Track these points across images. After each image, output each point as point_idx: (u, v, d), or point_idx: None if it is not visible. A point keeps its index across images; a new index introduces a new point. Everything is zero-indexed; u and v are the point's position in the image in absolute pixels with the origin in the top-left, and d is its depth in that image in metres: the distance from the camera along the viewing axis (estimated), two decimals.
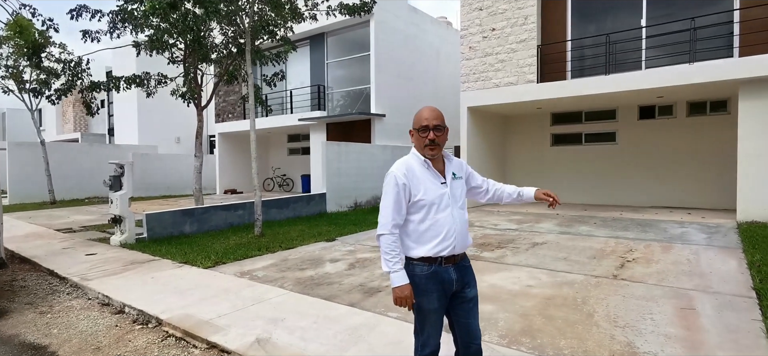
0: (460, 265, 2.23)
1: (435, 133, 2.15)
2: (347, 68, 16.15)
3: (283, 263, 6.00)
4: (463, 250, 2.23)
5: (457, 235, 2.16)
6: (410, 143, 2.34)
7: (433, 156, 2.18)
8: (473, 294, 2.27)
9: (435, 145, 2.15)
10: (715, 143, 10.32)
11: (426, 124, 2.16)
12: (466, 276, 2.26)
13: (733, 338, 3.30)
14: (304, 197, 11.24)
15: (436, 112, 2.20)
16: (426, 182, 2.18)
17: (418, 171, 2.20)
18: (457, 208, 2.20)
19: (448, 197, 2.19)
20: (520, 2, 10.69)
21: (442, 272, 2.18)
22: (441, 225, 2.15)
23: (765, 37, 8.01)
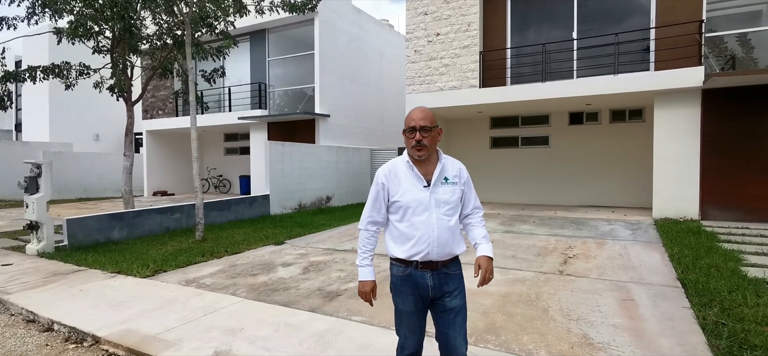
0: (440, 272, 2.16)
1: (422, 134, 2.11)
2: (290, 67, 15.75)
3: (232, 269, 5.70)
4: (443, 257, 2.15)
5: (432, 241, 2.11)
6: (355, 144, 2.31)
7: (419, 157, 2.14)
8: (455, 304, 2.18)
9: (421, 146, 2.11)
10: (633, 148, 11.37)
11: (413, 125, 2.13)
12: (446, 284, 2.17)
13: (671, 325, 3.63)
14: (246, 199, 10.77)
15: (425, 112, 2.16)
16: (406, 183, 2.16)
17: (400, 172, 2.19)
18: (439, 213, 2.13)
19: (429, 201, 2.13)
20: (464, 9, 11.06)
21: (416, 276, 2.16)
22: (414, 229, 2.12)
23: (676, 54, 8.96)
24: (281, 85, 15.81)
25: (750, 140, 8.55)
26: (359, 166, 14.55)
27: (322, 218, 10.28)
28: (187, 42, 7.76)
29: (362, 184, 14.61)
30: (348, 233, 8.20)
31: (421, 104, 11.65)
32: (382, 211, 2.24)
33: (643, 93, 9.27)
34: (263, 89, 15.19)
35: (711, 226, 8.13)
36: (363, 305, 4.22)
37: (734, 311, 3.84)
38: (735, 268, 5.21)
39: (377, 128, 16.73)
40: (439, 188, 2.16)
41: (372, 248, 2.29)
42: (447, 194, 2.17)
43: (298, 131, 14.32)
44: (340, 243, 7.28)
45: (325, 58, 13.90)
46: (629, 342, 3.30)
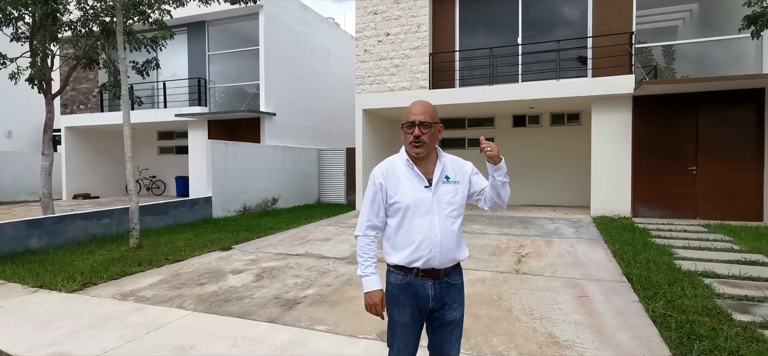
0: (442, 281, 2.00)
1: (421, 129, 1.95)
2: (232, 62, 15.01)
3: (176, 279, 5.24)
4: (446, 264, 1.99)
5: (434, 246, 1.94)
6: (302, 144, 2.15)
7: (418, 154, 1.99)
8: (454, 316, 2.03)
9: (420, 142, 1.96)
10: (572, 150, 12.03)
11: (412, 119, 1.97)
12: (447, 295, 2.02)
13: (625, 319, 3.80)
14: (186, 202, 10.06)
15: (425, 106, 2.01)
16: (405, 183, 2.00)
17: (399, 171, 2.03)
18: (442, 216, 1.97)
19: (431, 202, 1.97)
20: (414, 10, 11.11)
21: (416, 285, 1.99)
22: (415, 233, 1.96)
23: (610, 62, 9.58)
24: (223, 81, 15.01)
25: (673, 143, 9.33)
26: (306, 166, 14.17)
27: (269, 221, 9.85)
28: (119, 30, 7.07)
29: (310, 185, 14.24)
30: (299, 237, 7.90)
31: (371, 104, 11.69)
32: (380, 214, 2.05)
33: (582, 98, 9.82)
34: (204, 84, 14.33)
35: (642, 223, 8.77)
36: (326, 313, 4.03)
37: (677, 303, 4.10)
38: (669, 262, 5.61)
39: (325, 128, 16.41)
40: (441, 188, 2.00)
41: (374, 255, 2.06)
42: (449, 194, 2.01)
43: (241, 129, 13.66)
44: (292, 247, 6.97)
45: (271, 55, 13.38)
46: (592, 339, 3.40)
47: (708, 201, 9.05)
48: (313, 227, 9.02)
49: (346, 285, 4.89)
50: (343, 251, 6.59)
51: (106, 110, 15.56)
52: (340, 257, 6.26)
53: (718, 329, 3.50)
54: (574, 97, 9.74)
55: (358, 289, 4.74)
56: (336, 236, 7.94)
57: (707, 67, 11.18)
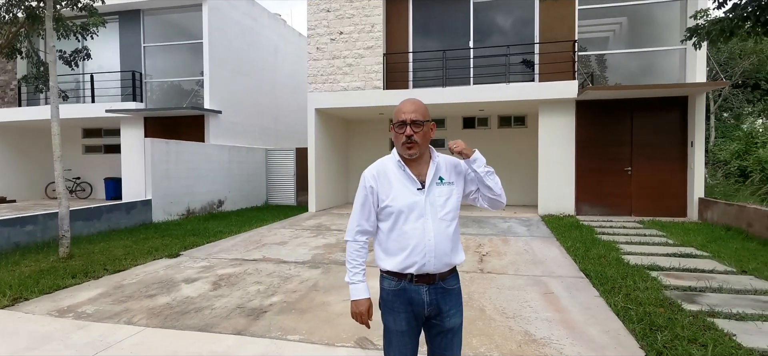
0: (437, 287, 1.91)
1: (413, 129, 1.86)
2: (172, 56, 14.05)
3: (120, 292, 4.74)
4: (441, 269, 1.90)
5: (428, 251, 1.86)
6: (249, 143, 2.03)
7: (411, 155, 1.89)
8: (453, 324, 1.94)
9: (413, 142, 1.87)
10: (518, 151, 12.54)
11: (403, 118, 1.87)
12: (444, 302, 1.92)
13: (591, 314, 3.95)
14: (122, 206, 9.24)
15: (416, 105, 1.91)
16: (397, 186, 1.91)
17: (391, 173, 1.94)
18: (436, 219, 1.88)
19: (424, 205, 1.88)
20: (367, 10, 11.03)
21: (411, 291, 1.91)
22: (408, 238, 1.87)
23: (556, 68, 10.09)
24: (161, 76, 14.00)
25: (610, 145, 10.01)
26: (254, 167, 13.60)
27: (217, 225, 9.31)
28: (48, 16, 6.31)
29: (257, 186, 13.68)
30: (253, 241, 7.52)
31: (323, 103, 11.45)
32: (371, 218, 1.97)
33: (530, 102, 10.25)
34: (139, 78, 13.29)
35: (585, 220, 9.31)
36: (296, 321, 3.82)
37: (633, 296, 4.34)
38: (617, 257, 5.98)
39: (272, 127, 15.86)
40: (434, 190, 1.91)
41: (363, 261, 1.99)
42: (443, 196, 1.92)
43: (183, 128, 12.82)
44: (247, 252, 6.61)
45: (216, 50, 12.69)
46: (566, 335, 3.49)
47: (641, 199, 9.80)
48: (266, 230, 8.64)
49: (313, 291, 4.69)
50: (303, 256, 6.35)
51: (24, 104, 13.97)
52: (301, 261, 6.02)
53: (673, 319, 3.74)
54: (522, 100, 10.15)
55: (325, 294, 4.57)
56: (292, 239, 7.65)
57: (636, 76, 12.12)
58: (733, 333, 3.45)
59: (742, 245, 6.62)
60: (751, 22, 4.40)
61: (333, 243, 7.23)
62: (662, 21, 10.86)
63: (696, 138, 9.33)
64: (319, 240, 7.49)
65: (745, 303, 4.19)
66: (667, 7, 10.45)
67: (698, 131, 9.35)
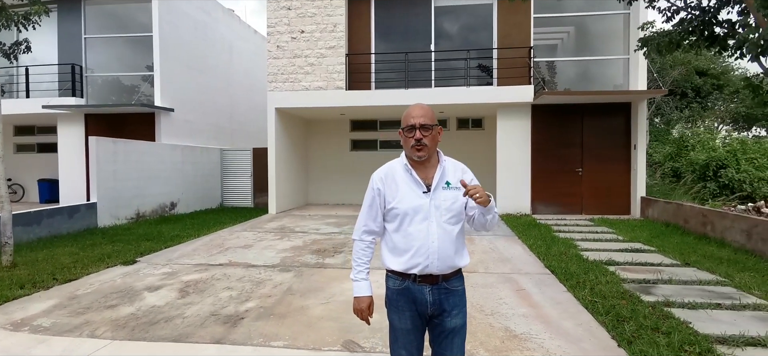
0: (441, 287, 1.96)
1: (422, 132, 1.92)
2: (117, 49, 13.17)
3: (75, 302, 4.39)
4: (444, 271, 1.95)
5: (431, 253, 1.92)
6: (203, 143, 2.05)
7: (419, 157, 1.95)
8: (455, 324, 1.98)
9: (422, 145, 1.93)
10: (476, 152, 12.90)
11: (412, 123, 1.94)
12: (446, 301, 1.97)
13: (563, 308, 4.16)
14: (64, 210, 8.56)
15: (424, 109, 1.97)
16: (403, 188, 1.97)
17: (398, 177, 2.00)
18: (440, 222, 1.93)
19: (429, 208, 1.93)
20: (329, 10, 10.93)
21: (414, 290, 1.97)
22: (412, 239, 1.93)
23: (513, 73, 10.51)
24: (106, 70, 13.09)
25: (563, 147, 10.57)
26: (208, 168, 13.06)
27: (171, 228, 8.85)
28: None
29: (212, 188, 13.15)
30: (216, 245, 7.22)
31: (284, 103, 11.20)
32: (378, 219, 2.05)
33: (489, 105, 10.61)
34: (80, 72, 12.35)
35: (541, 219, 9.76)
36: (277, 327, 3.73)
37: (597, 290, 4.62)
38: (576, 253, 6.33)
39: (227, 126, 15.30)
40: (440, 194, 1.96)
41: (368, 260, 2.08)
42: (449, 200, 1.96)
43: (131, 126, 12.07)
44: (211, 257, 6.34)
45: (167, 43, 12.05)
46: (543, 329, 3.66)
47: (591, 199, 10.43)
48: (227, 233, 8.32)
49: (289, 295, 4.59)
50: (271, 259, 6.19)
51: None
52: (270, 264, 5.87)
53: (635, 310, 4.02)
54: (482, 103, 10.48)
55: (302, 298, 4.48)
56: (257, 242, 7.42)
57: (583, 83, 12.88)
58: (688, 321, 3.77)
59: (681, 240, 7.23)
60: (696, 36, 4.84)
61: (300, 246, 7.10)
62: (607, 32, 11.61)
63: (638, 141, 10.07)
64: (286, 243, 7.33)
65: (694, 293, 4.58)
66: (611, 20, 11.19)
67: (641, 134, 10.09)
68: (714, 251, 6.39)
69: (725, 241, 6.84)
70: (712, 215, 7.26)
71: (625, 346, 3.32)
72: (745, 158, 9.87)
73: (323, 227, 8.92)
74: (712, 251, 6.39)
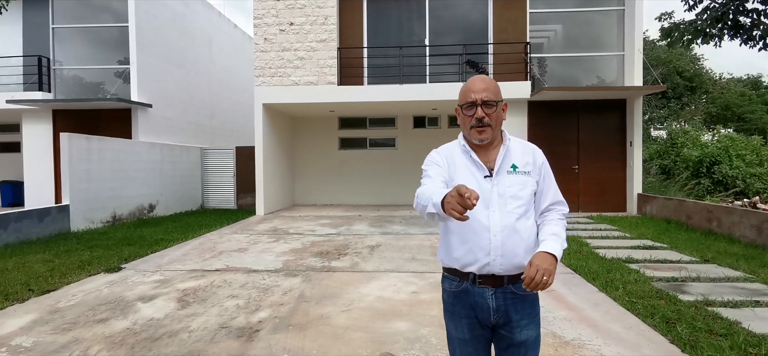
0: (507, 290, 1.64)
1: (485, 110, 1.65)
2: (89, 40, 12.27)
3: (59, 317, 3.83)
4: (509, 271, 1.63)
5: (494, 248, 1.61)
6: (183, 141, 1.68)
7: (481, 141, 1.68)
8: (526, 336, 1.65)
9: (484, 126, 1.66)
10: None
11: (473, 99, 1.66)
12: (514, 309, 1.65)
13: (603, 309, 3.89)
14: (33, 213, 7.79)
15: (488, 83, 1.69)
16: (463, 171, 1.69)
17: (457, 160, 1.73)
18: (504, 212, 1.62)
19: (491, 194, 1.64)
20: (320, 1, 10.47)
21: (474, 293, 1.66)
22: (471, 231, 1.63)
23: (509, 68, 10.33)
24: (76, 63, 12.19)
25: (560, 144, 10.46)
26: (188, 167, 12.34)
27: (153, 232, 8.21)
28: None
29: (192, 188, 12.44)
30: (207, 249, 6.67)
31: (273, 99, 10.66)
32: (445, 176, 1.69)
33: None
34: (47, 64, 11.46)
35: None
36: (300, 340, 3.31)
37: (629, 289, 4.39)
38: (590, 251, 6.13)
39: (208, 124, 14.58)
40: (504, 179, 1.67)
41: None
42: (515, 186, 1.66)
43: (104, 122, 11.26)
44: (205, 262, 5.80)
45: (145, 35, 11.30)
46: (594, 335, 3.37)
47: (587, 196, 10.36)
48: (217, 236, 7.76)
49: (303, 302, 4.16)
50: (273, 263, 5.72)
51: None
52: (273, 269, 5.40)
53: (679, 311, 3.79)
54: None
55: (319, 306, 4.06)
56: (252, 245, 6.91)
57: (576, 80, 12.85)
58: (739, 321, 3.56)
59: (688, 236, 7.16)
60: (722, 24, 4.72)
61: (299, 248, 6.64)
62: (600, 27, 11.59)
63: (634, 138, 10.06)
64: (283, 246, 6.85)
65: (727, 290, 4.41)
66: (603, 17, 11.16)
67: (636, 131, 10.08)
68: (726, 247, 6.31)
69: (734, 237, 6.79)
70: (718, 210, 7.22)
71: (689, 352, 3.06)
72: (736, 154, 9.99)
73: (318, 229, 8.47)
74: (724, 247, 6.31)
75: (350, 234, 7.82)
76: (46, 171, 11.42)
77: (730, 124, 21.58)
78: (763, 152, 9.97)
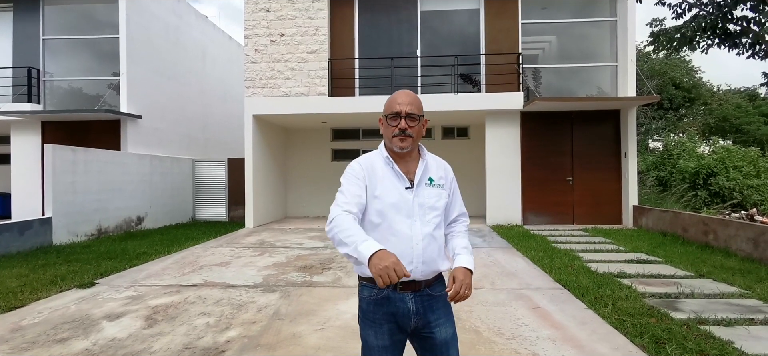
0: (424, 294, 1.73)
1: (408, 122, 1.75)
2: (80, 52, 12.22)
3: (19, 336, 3.65)
4: (427, 276, 1.73)
5: (416, 256, 1.69)
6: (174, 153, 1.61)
7: (402, 149, 1.77)
8: (444, 335, 1.74)
9: (406, 136, 1.75)
10: (463, 162, 12.52)
11: (398, 110, 1.76)
12: (431, 310, 1.74)
13: (590, 328, 3.70)
14: (13, 226, 7.62)
15: (411, 97, 1.80)
16: (385, 182, 1.76)
17: (378, 169, 1.78)
18: (424, 221, 1.73)
19: (412, 205, 1.73)
20: (311, 12, 10.41)
21: (395, 299, 1.72)
22: (395, 241, 1.70)
23: (501, 79, 10.23)
24: (66, 74, 12.11)
25: (553, 156, 10.32)
26: (179, 179, 12.19)
27: (138, 245, 8.03)
28: None
29: (183, 201, 12.27)
30: (188, 262, 6.48)
31: (263, 110, 10.53)
32: (362, 200, 1.72)
33: (476, 112, 10.26)
34: (37, 76, 11.37)
35: (534, 230, 9.41)
36: None
37: (619, 306, 4.20)
38: (582, 265, 5.94)
39: (200, 136, 14.46)
40: (423, 191, 1.78)
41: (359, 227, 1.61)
42: (433, 198, 1.79)
43: (94, 134, 11.13)
44: (184, 277, 5.62)
45: (136, 46, 11.23)
46: (574, 354, 3.18)
47: (582, 208, 10.18)
48: (201, 249, 7.57)
49: (276, 320, 3.97)
50: (253, 277, 5.53)
51: None
52: (252, 284, 5.21)
53: (671, 330, 3.60)
54: (469, 111, 10.12)
55: (293, 324, 3.87)
56: (235, 259, 6.73)
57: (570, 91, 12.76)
58: (731, 341, 3.37)
59: (684, 250, 6.97)
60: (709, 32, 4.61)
61: (283, 262, 6.45)
62: (593, 39, 11.51)
63: (629, 149, 9.91)
64: (267, 259, 6.67)
65: (721, 307, 4.22)
66: (597, 28, 11.10)
67: (631, 142, 9.94)
68: (722, 261, 6.12)
69: (730, 250, 6.61)
70: (714, 223, 7.05)
71: None
72: (733, 166, 9.83)
73: (306, 242, 8.28)
74: (720, 261, 6.12)
75: None
76: (34, 183, 11.26)
77: (729, 135, 21.49)
78: (760, 163, 9.82)
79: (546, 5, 10.93)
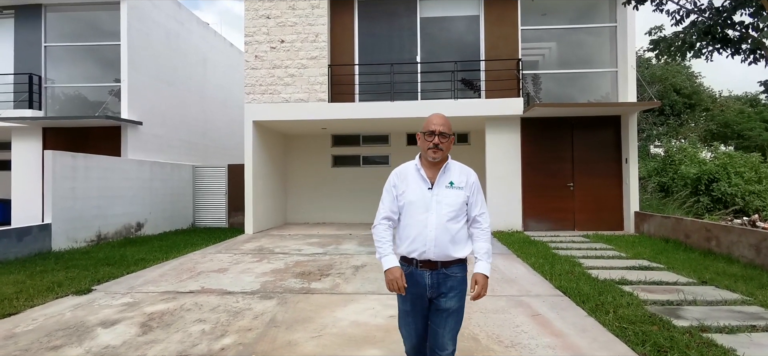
0: (439, 272, 2.25)
1: (440, 138, 2.26)
2: (81, 58, 12.26)
3: (12, 343, 3.62)
4: (441, 258, 2.23)
5: (428, 240, 2.22)
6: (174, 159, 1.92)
7: (434, 159, 2.28)
8: (449, 305, 2.24)
9: (438, 149, 2.26)
10: None
11: (433, 129, 2.27)
12: (443, 285, 2.25)
13: (592, 336, 3.65)
14: (12, 232, 7.60)
15: (444, 119, 2.32)
16: (412, 184, 2.31)
17: (409, 175, 2.35)
18: (439, 214, 2.23)
19: (430, 201, 2.25)
20: (311, 19, 10.44)
21: (416, 274, 2.26)
22: (412, 227, 2.26)
23: (501, 85, 10.21)
24: (68, 81, 12.14)
25: (554, 162, 10.27)
26: (180, 185, 12.18)
27: (137, 251, 8.00)
28: None
29: (183, 207, 12.25)
30: (186, 269, 6.45)
31: (263, 116, 10.54)
32: (395, 206, 2.35)
33: (476, 118, 10.23)
34: (39, 82, 11.40)
35: (534, 236, 9.34)
36: None
37: (621, 313, 4.14)
38: (583, 272, 5.87)
39: (200, 142, 14.46)
40: (442, 191, 2.28)
41: (389, 239, 2.31)
42: (450, 197, 2.27)
43: (94, 141, 11.14)
44: (181, 283, 5.58)
45: (136, 53, 11.27)
46: None
47: (583, 214, 10.11)
48: (199, 256, 7.54)
49: (272, 327, 3.92)
50: (250, 284, 5.49)
51: None
52: (250, 291, 5.17)
53: (673, 338, 3.54)
54: (470, 116, 10.09)
55: (289, 331, 3.83)
56: (233, 265, 6.69)
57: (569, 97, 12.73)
58: (733, 349, 3.32)
59: (686, 256, 6.90)
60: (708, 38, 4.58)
61: (282, 269, 6.41)
62: (593, 45, 11.51)
63: (630, 155, 9.86)
64: (265, 266, 6.62)
65: (724, 314, 4.17)
66: (597, 33, 11.09)
67: (632, 148, 9.89)
68: (724, 267, 6.06)
69: (733, 256, 6.54)
70: (716, 229, 6.98)
71: None
72: (734, 172, 9.77)
73: (306, 248, 8.24)
74: (722, 267, 6.06)
75: (337, 254, 7.60)
76: (35, 189, 11.25)
77: (731, 141, 21.39)
78: (762, 169, 9.75)
79: (545, 12, 10.94)
